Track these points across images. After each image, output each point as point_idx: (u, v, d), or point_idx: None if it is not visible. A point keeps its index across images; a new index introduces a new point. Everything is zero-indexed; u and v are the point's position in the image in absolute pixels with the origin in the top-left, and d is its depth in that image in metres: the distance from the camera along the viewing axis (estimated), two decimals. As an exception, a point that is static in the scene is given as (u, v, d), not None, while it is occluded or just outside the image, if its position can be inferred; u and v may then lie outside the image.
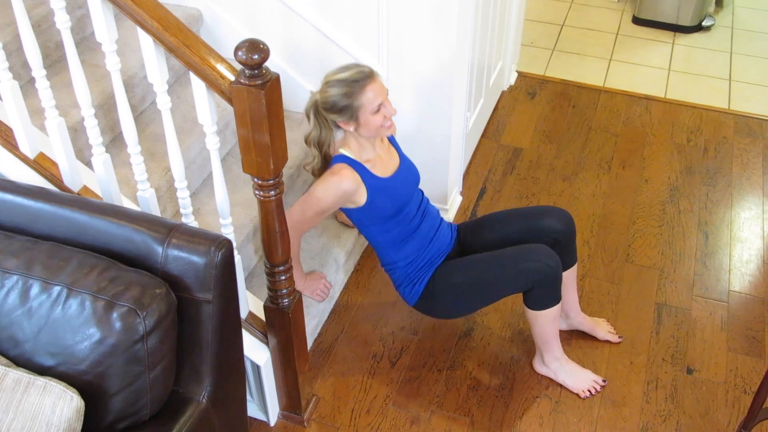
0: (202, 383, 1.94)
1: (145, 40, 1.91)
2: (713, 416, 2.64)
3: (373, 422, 2.62)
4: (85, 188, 2.30)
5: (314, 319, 2.83)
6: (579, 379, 2.71)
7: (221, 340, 1.92)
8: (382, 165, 2.51)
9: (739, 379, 2.76)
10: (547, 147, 3.83)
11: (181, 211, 2.22)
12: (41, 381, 1.70)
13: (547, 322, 2.57)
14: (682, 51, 4.66)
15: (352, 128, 2.39)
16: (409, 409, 2.67)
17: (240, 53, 1.77)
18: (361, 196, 2.45)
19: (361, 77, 2.32)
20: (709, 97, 4.23)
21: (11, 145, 2.25)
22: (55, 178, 2.25)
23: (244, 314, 2.40)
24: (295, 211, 2.45)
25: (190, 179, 2.67)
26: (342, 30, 2.94)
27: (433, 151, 3.15)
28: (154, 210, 2.28)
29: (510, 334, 2.92)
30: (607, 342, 2.87)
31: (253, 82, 1.80)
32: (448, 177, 3.25)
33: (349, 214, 2.54)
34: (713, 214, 3.46)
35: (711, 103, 4.18)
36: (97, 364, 1.75)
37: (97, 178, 2.23)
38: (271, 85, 1.82)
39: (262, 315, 2.41)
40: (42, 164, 2.26)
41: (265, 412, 2.59)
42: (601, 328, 2.88)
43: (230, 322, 1.96)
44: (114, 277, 1.76)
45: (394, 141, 2.64)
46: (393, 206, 2.51)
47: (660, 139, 3.90)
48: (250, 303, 2.48)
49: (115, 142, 2.69)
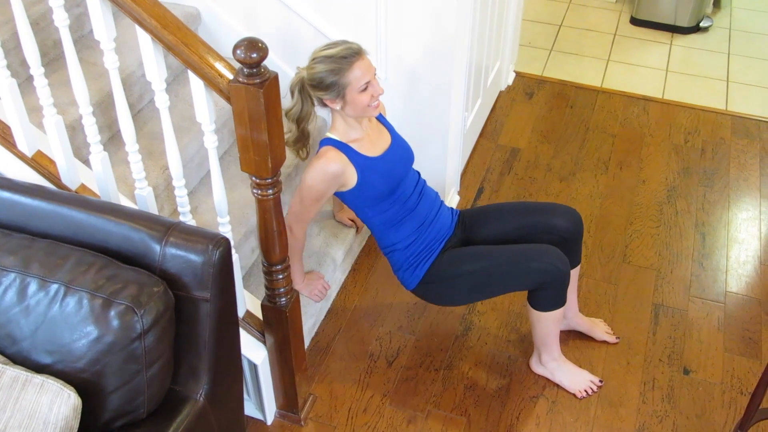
0: (200, 382, 1.94)
1: (144, 39, 1.91)
2: (710, 417, 2.65)
3: (370, 421, 2.63)
4: (83, 186, 2.29)
5: (311, 318, 2.84)
6: (576, 379, 2.71)
7: (219, 338, 1.92)
8: (371, 144, 2.47)
9: (736, 380, 2.76)
10: (545, 147, 3.84)
11: (179, 209, 2.22)
12: (38, 379, 1.70)
13: (550, 323, 2.57)
14: (680, 52, 4.66)
15: (338, 106, 2.35)
16: (406, 408, 2.67)
17: (238, 52, 1.77)
18: (351, 177, 2.41)
19: (349, 54, 2.29)
20: (707, 98, 4.24)
21: (9, 143, 2.24)
22: (52, 176, 2.25)
23: (241, 313, 2.40)
24: (294, 203, 2.45)
25: (188, 178, 2.67)
26: (340, 29, 2.94)
27: (431, 150, 3.15)
28: (152, 208, 2.27)
29: (507, 333, 2.92)
30: (604, 342, 2.88)
31: (252, 81, 1.80)
32: (445, 177, 3.25)
33: (344, 198, 2.50)
34: (710, 215, 3.47)
35: (708, 104, 4.18)
36: (95, 362, 1.75)
37: (95, 177, 2.23)
38: (269, 84, 1.82)
39: (259, 314, 2.41)
40: (40, 162, 2.26)
41: (262, 411, 2.59)
42: (599, 329, 2.89)
43: (228, 321, 1.96)
44: (111, 275, 1.76)
45: (384, 120, 2.59)
46: (386, 185, 2.46)
47: (657, 140, 3.90)
48: (248, 302, 2.48)
49: (113, 140, 2.69)
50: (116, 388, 1.78)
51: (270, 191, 2.02)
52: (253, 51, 1.77)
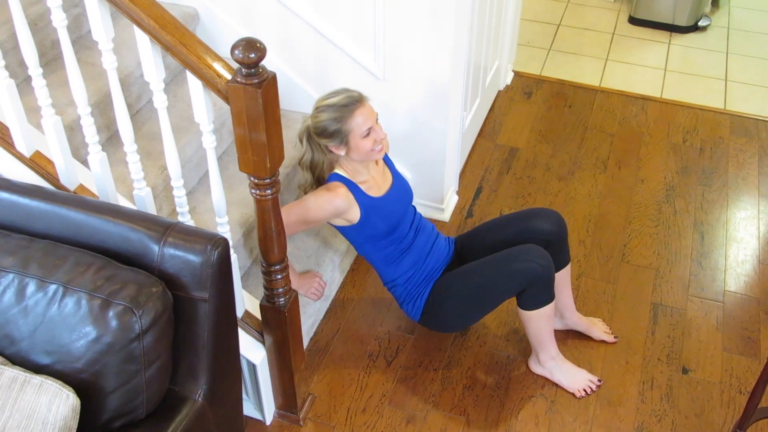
0: (198, 382, 1.94)
1: (142, 39, 1.91)
2: (708, 416, 2.65)
3: (369, 421, 2.63)
4: (82, 187, 2.29)
5: (310, 318, 2.84)
6: (574, 378, 2.71)
7: (217, 338, 1.92)
8: (376, 185, 2.55)
9: (735, 379, 2.76)
10: (544, 147, 3.84)
11: (178, 209, 2.22)
12: (37, 379, 1.70)
13: (541, 321, 2.58)
14: (679, 51, 4.66)
15: (343, 152, 2.42)
16: (405, 408, 2.67)
17: (237, 52, 1.77)
18: (354, 215, 2.48)
19: (350, 102, 2.36)
20: (705, 97, 4.24)
21: (7, 144, 2.24)
22: (51, 177, 2.25)
23: (240, 313, 2.40)
24: (281, 213, 2.45)
25: (187, 178, 2.67)
26: (339, 29, 2.94)
27: (430, 150, 3.15)
28: (151, 209, 2.27)
29: (506, 333, 2.92)
30: (603, 342, 2.88)
31: (250, 81, 1.80)
32: (444, 176, 3.25)
33: (344, 232, 2.58)
34: (709, 214, 3.47)
35: (707, 103, 4.18)
36: (93, 363, 1.74)
37: (94, 177, 2.23)
38: (267, 84, 1.81)
39: (258, 314, 2.41)
40: (38, 163, 2.26)
41: (261, 410, 2.59)
42: (597, 328, 2.89)
43: (226, 321, 1.96)
44: (110, 275, 1.76)
45: (387, 159, 2.67)
46: (386, 225, 2.54)
47: (656, 139, 3.90)
48: (247, 302, 2.48)
49: (111, 140, 2.68)
50: (115, 388, 1.78)
51: (268, 191, 2.02)
52: (251, 51, 1.77)
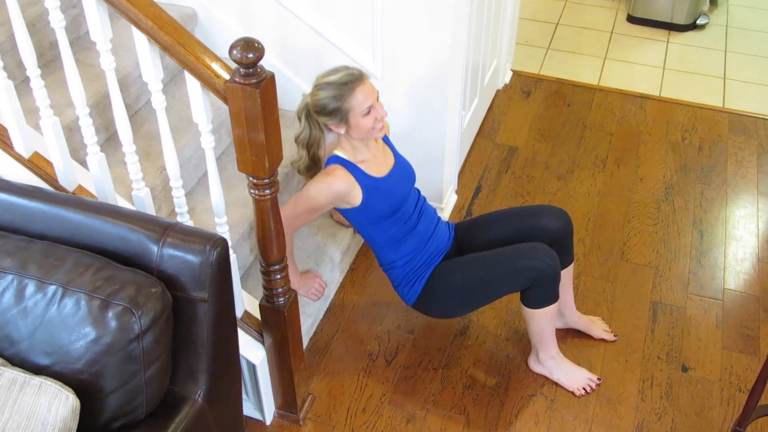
0: (198, 382, 1.93)
1: (140, 39, 1.91)
2: (708, 414, 2.65)
3: (369, 421, 2.63)
4: (80, 187, 2.29)
5: (310, 318, 2.84)
6: (574, 377, 2.71)
7: (217, 339, 1.92)
8: (377, 165, 2.52)
9: (734, 377, 2.76)
10: (542, 145, 3.84)
11: (176, 210, 2.22)
12: (37, 380, 1.70)
13: (545, 320, 2.58)
14: (677, 49, 4.66)
15: (343, 131, 2.40)
16: (405, 407, 2.67)
17: (235, 52, 1.77)
18: (356, 197, 2.45)
19: (351, 80, 2.33)
20: (704, 96, 4.24)
21: (6, 145, 2.24)
22: (50, 178, 2.25)
23: (239, 313, 2.40)
24: (287, 207, 2.46)
25: (186, 178, 2.67)
26: (337, 28, 2.94)
27: (428, 150, 3.15)
28: (149, 209, 2.27)
29: (505, 332, 2.92)
30: (602, 340, 2.88)
31: (248, 81, 1.80)
32: (443, 176, 3.25)
33: (346, 214, 2.55)
34: (708, 212, 3.47)
35: (706, 102, 4.18)
36: (93, 364, 1.74)
37: (92, 178, 2.22)
38: (266, 84, 1.81)
39: (257, 314, 2.41)
40: (37, 164, 2.26)
41: (261, 411, 2.59)
42: (597, 327, 2.89)
43: (226, 321, 1.95)
44: (109, 276, 1.76)
45: (388, 140, 2.64)
46: (389, 205, 2.51)
47: (655, 138, 3.91)
48: (246, 302, 2.48)
49: (110, 141, 2.68)
50: (114, 389, 1.77)
51: (267, 191, 2.02)
52: (249, 51, 1.77)
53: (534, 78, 4.34)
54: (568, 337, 2.88)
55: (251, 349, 2.42)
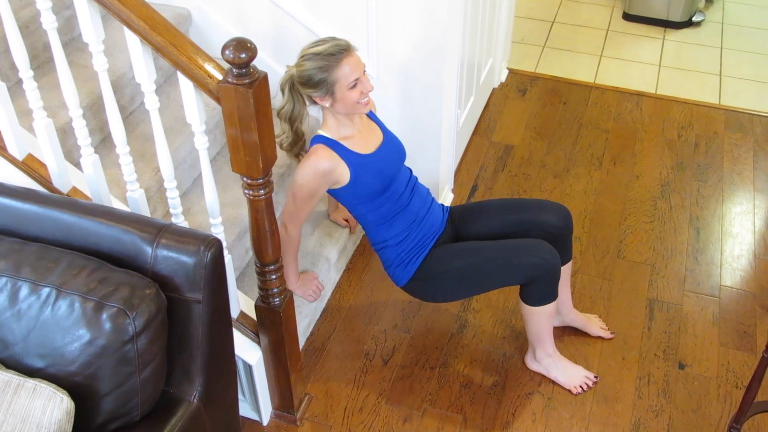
0: (193, 383, 1.93)
1: (132, 40, 1.91)
2: (705, 411, 2.65)
3: (366, 420, 2.62)
4: (75, 189, 2.29)
5: (306, 318, 2.83)
6: (571, 375, 2.71)
7: (212, 339, 1.92)
8: (363, 141, 2.46)
9: (731, 374, 2.76)
10: (539, 144, 3.84)
11: (171, 211, 2.22)
12: (31, 383, 1.70)
13: (543, 318, 2.57)
14: (673, 47, 4.66)
15: (328, 103, 2.34)
16: (402, 407, 2.67)
17: (227, 52, 1.76)
18: (344, 174, 2.40)
19: (337, 51, 2.28)
20: (700, 93, 4.24)
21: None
22: (44, 180, 2.24)
23: (235, 314, 2.40)
24: (288, 203, 2.45)
25: (181, 179, 2.67)
26: (331, 27, 2.94)
27: (425, 148, 3.15)
28: (144, 210, 2.27)
29: (502, 331, 2.92)
30: (599, 338, 2.88)
31: (241, 81, 1.80)
32: (439, 174, 3.25)
33: (337, 195, 2.50)
34: (704, 210, 3.47)
35: (702, 99, 4.18)
36: (87, 366, 1.74)
37: (86, 179, 2.22)
38: (259, 84, 1.81)
39: (253, 314, 2.40)
40: (31, 165, 2.25)
41: (258, 411, 2.59)
42: (593, 324, 2.89)
43: (221, 322, 1.95)
44: (103, 278, 1.76)
45: (375, 118, 2.59)
46: (379, 182, 2.46)
47: (651, 135, 3.90)
48: (242, 302, 2.47)
49: (104, 142, 2.68)
50: (109, 391, 1.77)
51: (261, 191, 2.02)
52: (241, 51, 1.77)
53: (530, 76, 4.34)
54: (565, 335, 2.88)
55: (247, 350, 2.42)
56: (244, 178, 2.00)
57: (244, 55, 1.77)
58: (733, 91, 4.26)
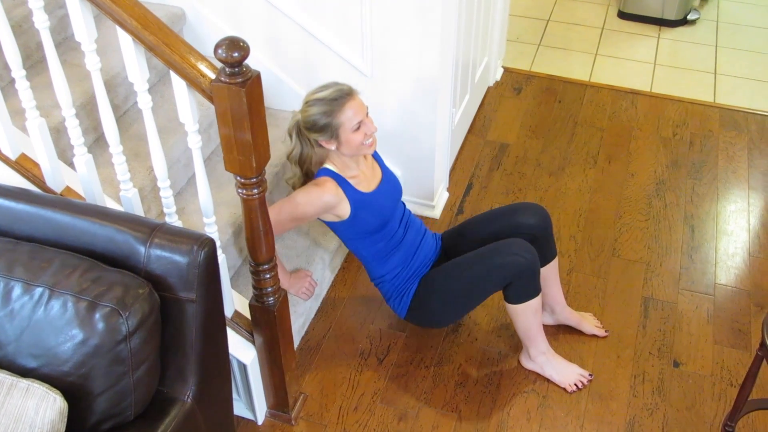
0: (187, 383, 1.93)
1: (125, 39, 1.90)
2: (700, 409, 2.65)
3: (361, 419, 2.62)
4: (68, 189, 2.28)
5: (301, 317, 2.83)
6: (566, 373, 2.71)
7: (205, 339, 1.91)
8: (366, 180, 2.54)
9: (726, 372, 2.77)
10: (534, 142, 3.84)
11: (165, 210, 2.21)
12: (24, 383, 1.70)
13: (529, 315, 2.58)
14: (668, 45, 4.67)
15: (333, 147, 2.41)
16: (397, 405, 2.67)
17: (220, 51, 1.76)
18: (344, 210, 2.47)
19: (340, 95, 2.35)
20: (695, 91, 4.24)
21: (-8, 147, 2.23)
22: (37, 179, 2.24)
23: (229, 313, 2.40)
24: (271, 213, 2.45)
25: (175, 178, 2.66)
26: (325, 27, 2.94)
27: (419, 147, 3.15)
28: (138, 210, 2.27)
29: (497, 329, 2.92)
30: (594, 336, 2.88)
31: (234, 80, 1.79)
32: (434, 173, 3.25)
33: (334, 228, 2.57)
34: (699, 208, 3.47)
35: (697, 97, 4.19)
36: (81, 365, 1.74)
37: (80, 179, 2.22)
38: (251, 83, 1.81)
39: (248, 314, 2.40)
40: (24, 165, 2.25)
41: (253, 410, 2.59)
42: (588, 323, 2.89)
43: (214, 321, 1.95)
44: (96, 277, 1.76)
45: (376, 155, 2.66)
46: (376, 220, 2.53)
47: (646, 133, 3.91)
48: (236, 302, 2.47)
49: (98, 142, 2.67)
50: (103, 390, 1.77)
51: (255, 191, 2.01)
52: (234, 50, 1.76)
53: (525, 75, 4.34)
54: (560, 334, 2.88)
55: (242, 349, 2.42)
56: (238, 178, 2.00)
57: (236, 54, 1.76)
58: (728, 90, 4.26)
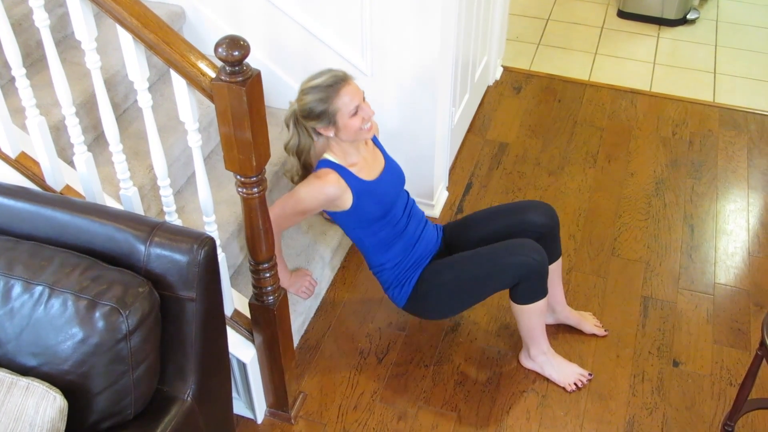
0: (187, 382, 1.93)
1: (125, 38, 1.90)
2: (699, 408, 2.65)
3: (360, 418, 2.62)
4: (68, 187, 2.28)
5: (301, 316, 2.83)
6: (565, 372, 2.71)
7: (205, 338, 1.91)
8: (368, 168, 2.52)
9: (725, 372, 2.77)
10: (533, 141, 3.84)
11: (164, 209, 2.21)
12: (24, 381, 1.70)
13: (534, 316, 2.58)
14: (667, 44, 4.67)
15: (331, 133, 2.40)
16: (396, 404, 2.67)
17: (220, 50, 1.76)
18: (347, 200, 2.46)
19: (335, 81, 2.34)
20: (695, 90, 4.24)
21: (-8, 145, 2.23)
22: (37, 178, 2.24)
23: (229, 312, 2.40)
24: (275, 208, 2.45)
25: (175, 177, 2.66)
26: (325, 26, 2.94)
27: (419, 146, 3.15)
28: (138, 209, 2.27)
29: (496, 328, 2.92)
30: (594, 335, 2.88)
31: (234, 79, 1.79)
32: (434, 173, 3.25)
33: (336, 217, 2.55)
34: (699, 207, 3.47)
35: (696, 96, 4.19)
36: (80, 364, 1.74)
37: (80, 177, 2.22)
38: (252, 82, 1.81)
39: (248, 312, 2.40)
40: (23, 164, 2.24)
41: (252, 409, 2.59)
42: (588, 322, 2.89)
43: (214, 320, 1.95)
44: (96, 276, 1.75)
45: (378, 142, 2.65)
46: (379, 209, 2.51)
47: (645, 133, 3.91)
48: (236, 300, 2.47)
49: (98, 140, 2.67)
50: (103, 389, 1.77)
51: (255, 189, 2.01)
52: (234, 49, 1.76)
53: (525, 74, 4.34)
54: (559, 333, 2.88)
55: (242, 348, 2.42)
56: (238, 176, 1.99)
57: (237, 53, 1.76)
58: (728, 89, 4.26)
